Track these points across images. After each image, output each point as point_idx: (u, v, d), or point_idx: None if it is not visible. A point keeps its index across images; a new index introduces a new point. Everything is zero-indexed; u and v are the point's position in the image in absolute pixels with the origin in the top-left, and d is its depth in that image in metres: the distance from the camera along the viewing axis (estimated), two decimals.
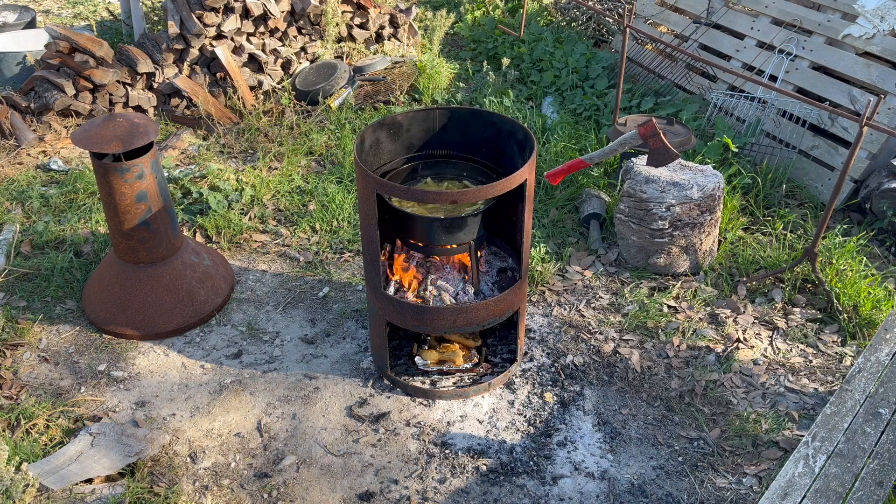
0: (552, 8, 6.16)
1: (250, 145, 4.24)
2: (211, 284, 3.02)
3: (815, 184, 3.77)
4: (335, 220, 3.60)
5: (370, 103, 4.62)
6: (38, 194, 3.68)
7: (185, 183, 3.77)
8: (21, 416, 2.47)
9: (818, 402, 2.65)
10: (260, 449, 2.46)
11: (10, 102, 4.26)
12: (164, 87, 4.43)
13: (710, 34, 4.58)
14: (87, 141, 2.59)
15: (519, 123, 2.43)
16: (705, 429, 2.55)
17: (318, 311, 3.08)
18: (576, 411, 2.61)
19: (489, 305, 2.45)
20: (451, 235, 2.44)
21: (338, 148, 4.18)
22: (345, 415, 2.59)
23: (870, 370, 2.32)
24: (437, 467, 2.40)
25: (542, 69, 5.02)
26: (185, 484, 2.31)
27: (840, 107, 3.70)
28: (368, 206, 2.29)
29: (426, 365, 2.68)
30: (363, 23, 5.09)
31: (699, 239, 3.16)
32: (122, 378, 2.72)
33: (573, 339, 2.93)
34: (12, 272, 3.18)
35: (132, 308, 2.87)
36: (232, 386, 2.70)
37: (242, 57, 4.60)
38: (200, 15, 4.38)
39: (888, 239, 3.48)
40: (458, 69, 5.21)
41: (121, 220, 2.76)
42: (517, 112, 4.43)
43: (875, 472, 1.98)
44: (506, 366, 2.73)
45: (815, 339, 2.94)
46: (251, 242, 3.48)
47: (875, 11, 3.71)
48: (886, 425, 2.13)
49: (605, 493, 2.32)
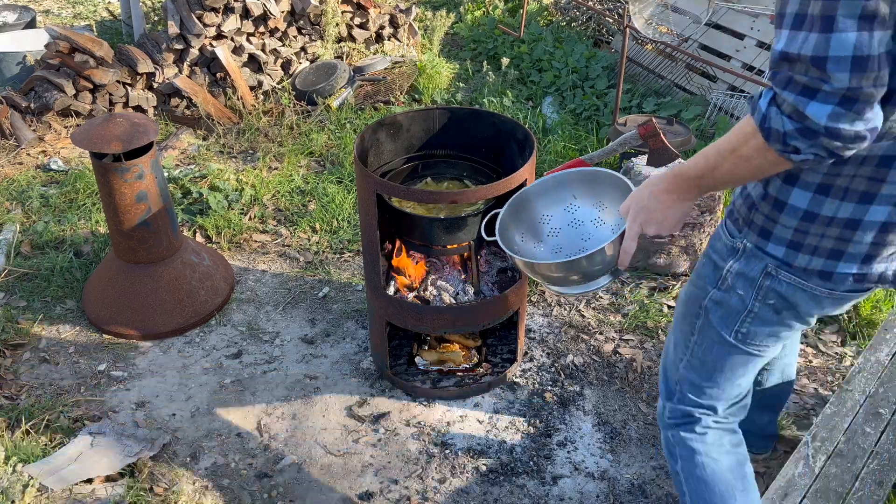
0: (552, 8, 6.16)
1: (250, 145, 4.24)
2: (211, 284, 3.02)
3: None
4: (335, 220, 3.60)
5: (370, 103, 4.62)
6: (38, 194, 3.69)
7: (185, 183, 3.77)
8: (21, 416, 2.47)
9: (818, 402, 2.65)
10: (260, 449, 2.46)
11: (10, 102, 4.26)
12: (164, 87, 4.44)
13: (710, 34, 4.58)
14: (86, 141, 2.59)
15: (519, 123, 2.43)
16: None
17: (318, 311, 3.08)
18: (576, 411, 2.61)
19: (489, 305, 2.45)
20: (451, 235, 2.44)
21: (338, 148, 4.18)
22: (345, 415, 2.59)
23: (870, 370, 2.32)
24: (437, 467, 2.40)
25: (542, 69, 5.03)
26: (185, 484, 2.31)
27: None
28: (368, 206, 2.29)
29: (426, 365, 2.68)
30: (363, 23, 5.09)
31: (699, 239, 3.17)
32: (122, 378, 2.72)
33: (573, 339, 2.93)
34: (12, 272, 3.18)
35: (132, 308, 2.87)
36: (232, 386, 2.70)
37: (242, 57, 4.60)
38: (200, 15, 4.38)
39: None
40: (458, 69, 5.21)
41: (121, 220, 2.76)
42: (517, 112, 4.43)
43: (875, 472, 1.98)
44: (506, 366, 2.73)
45: (815, 339, 2.94)
46: (251, 242, 3.48)
47: None
48: (886, 425, 2.13)
49: (605, 493, 2.32)
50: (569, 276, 1.67)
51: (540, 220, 1.93)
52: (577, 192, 1.90)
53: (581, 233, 1.91)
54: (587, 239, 1.88)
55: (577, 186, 1.90)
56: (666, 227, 1.51)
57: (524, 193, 1.92)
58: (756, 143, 1.22)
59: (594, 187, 1.87)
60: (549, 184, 1.90)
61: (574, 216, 1.92)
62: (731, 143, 1.28)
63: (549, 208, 1.93)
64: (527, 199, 1.92)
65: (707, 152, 1.35)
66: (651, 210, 1.49)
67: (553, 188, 1.91)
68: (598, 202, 1.88)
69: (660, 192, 1.47)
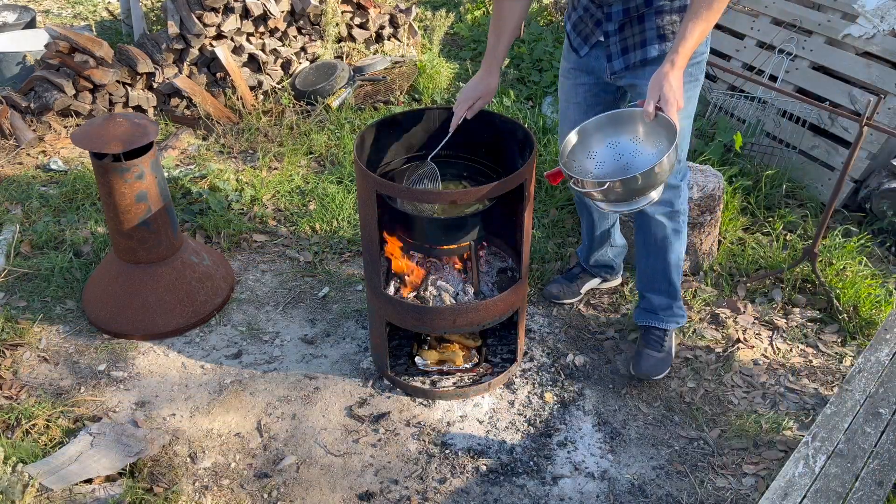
0: (552, 8, 6.16)
1: (250, 145, 4.24)
2: (211, 284, 3.02)
3: (815, 184, 3.77)
4: (335, 220, 3.60)
5: (370, 103, 4.62)
6: (37, 194, 3.69)
7: (185, 183, 3.76)
8: (21, 416, 2.47)
9: (818, 402, 2.65)
10: (260, 449, 2.46)
11: (10, 102, 4.26)
12: (164, 87, 4.43)
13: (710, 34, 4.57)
14: (86, 141, 2.59)
15: (519, 123, 2.43)
16: (705, 429, 2.55)
17: (318, 311, 3.08)
18: (576, 411, 2.61)
19: (489, 305, 2.45)
20: (451, 235, 2.44)
21: (338, 148, 4.18)
22: (345, 415, 2.59)
23: (870, 370, 2.32)
24: (437, 467, 2.40)
25: (542, 69, 5.02)
26: (184, 484, 2.31)
27: (840, 107, 3.70)
28: (368, 206, 2.29)
29: (426, 365, 2.68)
30: (363, 23, 5.09)
31: (699, 239, 3.16)
32: (122, 378, 2.72)
33: (573, 339, 2.93)
34: (12, 272, 3.18)
35: (132, 308, 2.87)
36: (232, 386, 2.70)
37: (242, 57, 4.60)
38: (200, 15, 4.38)
39: (888, 239, 3.48)
40: (458, 69, 5.20)
41: (121, 220, 2.76)
42: (517, 112, 4.43)
43: (875, 472, 1.98)
44: (506, 366, 2.73)
45: (815, 339, 2.94)
46: (251, 242, 3.48)
47: (875, 11, 3.71)
48: (886, 425, 2.13)
49: (605, 494, 2.32)
50: (626, 193, 1.98)
51: (587, 156, 2.18)
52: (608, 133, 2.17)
53: (623, 164, 2.16)
54: (629, 166, 2.14)
55: (608, 128, 2.16)
56: (682, 100, 1.99)
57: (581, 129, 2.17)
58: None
59: (620, 127, 2.15)
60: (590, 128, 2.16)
61: (615, 150, 2.17)
62: (718, 13, 1.98)
63: (592, 147, 2.18)
64: (581, 138, 2.17)
65: (700, 31, 1.98)
66: (677, 90, 1.97)
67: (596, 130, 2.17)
68: (634, 137, 2.14)
69: (678, 72, 1.98)
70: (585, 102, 2.48)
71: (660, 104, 1.97)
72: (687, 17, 1.99)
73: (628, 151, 2.13)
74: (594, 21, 2.29)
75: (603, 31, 2.28)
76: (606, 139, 2.14)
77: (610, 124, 2.13)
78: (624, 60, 2.28)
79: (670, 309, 2.73)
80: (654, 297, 2.71)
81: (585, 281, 3.10)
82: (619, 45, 2.28)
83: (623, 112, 2.13)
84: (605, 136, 2.14)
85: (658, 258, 2.61)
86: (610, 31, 2.27)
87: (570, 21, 2.39)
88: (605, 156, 2.15)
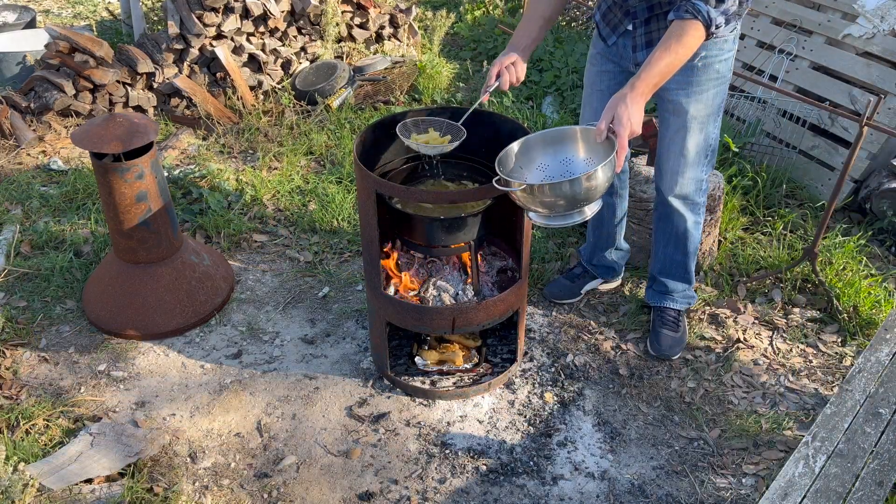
0: None
1: (250, 145, 4.24)
2: (211, 284, 3.02)
3: (815, 184, 3.77)
4: (335, 220, 3.60)
5: (370, 103, 4.62)
6: (38, 194, 3.69)
7: (185, 183, 3.77)
8: (21, 416, 2.47)
9: (818, 402, 2.65)
10: (260, 449, 2.46)
11: (10, 102, 4.26)
12: (164, 87, 4.44)
13: None
14: (86, 141, 2.59)
15: (519, 123, 2.43)
16: (705, 429, 2.55)
17: (318, 311, 3.08)
18: (576, 411, 2.61)
19: (489, 306, 2.45)
20: (451, 235, 2.43)
21: (338, 148, 4.18)
22: (345, 415, 2.59)
23: (870, 370, 2.32)
24: (437, 467, 2.40)
25: (542, 69, 5.02)
26: (184, 484, 2.31)
27: (840, 107, 3.70)
28: (368, 206, 2.29)
29: (426, 365, 2.68)
30: (363, 23, 5.09)
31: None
32: (122, 378, 2.72)
33: (573, 339, 2.93)
34: (12, 272, 3.18)
35: (132, 308, 2.87)
36: (232, 386, 2.70)
37: (242, 57, 4.60)
38: (200, 15, 4.38)
39: (888, 239, 3.48)
40: (458, 69, 5.20)
41: (121, 220, 2.76)
42: (517, 112, 4.43)
43: (875, 472, 1.98)
44: (506, 366, 2.73)
45: (815, 339, 2.94)
46: (251, 242, 3.48)
47: (875, 11, 3.71)
48: (886, 425, 2.13)
49: (605, 494, 2.32)
50: (557, 202, 1.95)
51: (537, 167, 2.20)
52: (559, 150, 2.20)
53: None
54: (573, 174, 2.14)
55: (559, 143, 2.19)
56: (637, 126, 1.99)
57: (529, 140, 2.19)
58: (700, 35, 2.03)
59: (572, 143, 2.18)
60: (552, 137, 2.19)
61: (567, 167, 2.18)
62: (689, 49, 2.03)
63: (545, 158, 2.20)
64: (531, 147, 2.19)
65: (665, 62, 2.02)
66: (633, 114, 1.98)
67: (553, 142, 2.19)
68: (589, 157, 2.16)
69: (638, 97, 2.01)
70: (609, 90, 2.50)
71: (613, 125, 1.98)
72: (658, 47, 2.05)
73: (580, 170, 2.13)
74: (623, 11, 2.37)
75: (631, 21, 2.36)
76: (560, 154, 2.17)
77: (559, 140, 2.17)
78: (648, 52, 2.30)
79: (685, 291, 2.87)
80: (669, 281, 2.84)
81: (586, 281, 3.11)
82: (644, 38, 2.35)
83: (578, 129, 2.16)
84: (557, 151, 2.18)
85: (678, 249, 2.75)
86: (637, 23, 2.35)
87: (599, 11, 2.50)
88: (556, 171, 2.18)
